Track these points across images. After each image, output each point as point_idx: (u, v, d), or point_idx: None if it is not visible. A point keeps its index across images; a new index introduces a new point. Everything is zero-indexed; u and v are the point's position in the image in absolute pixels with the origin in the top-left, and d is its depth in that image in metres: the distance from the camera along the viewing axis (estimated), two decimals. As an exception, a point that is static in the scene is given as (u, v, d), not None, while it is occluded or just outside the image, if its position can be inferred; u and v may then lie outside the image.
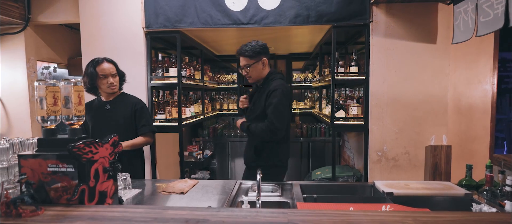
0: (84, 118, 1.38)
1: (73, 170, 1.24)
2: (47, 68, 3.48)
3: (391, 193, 1.53)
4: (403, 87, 2.48)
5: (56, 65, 3.56)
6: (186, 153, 3.58)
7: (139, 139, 2.07)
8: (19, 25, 3.05)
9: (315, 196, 1.60)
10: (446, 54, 2.45)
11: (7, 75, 3.10)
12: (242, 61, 1.95)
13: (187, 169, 3.62)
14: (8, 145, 1.46)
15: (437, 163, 2.44)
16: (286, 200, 1.56)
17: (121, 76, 2.11)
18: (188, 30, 2.69)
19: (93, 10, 2.69)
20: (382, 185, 1.63)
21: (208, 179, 3.66)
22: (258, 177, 1.29)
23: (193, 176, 3.56)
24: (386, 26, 2.45)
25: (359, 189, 1.78)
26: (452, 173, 2.17)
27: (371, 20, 2.45)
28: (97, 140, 1.31)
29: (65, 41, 3.59)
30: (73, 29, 3.68)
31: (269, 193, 1.70)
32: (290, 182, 1.86)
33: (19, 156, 1.26)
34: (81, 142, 1.21)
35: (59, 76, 3.65)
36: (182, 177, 2.87)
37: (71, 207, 1.15)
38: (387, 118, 2.50)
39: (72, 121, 1.33)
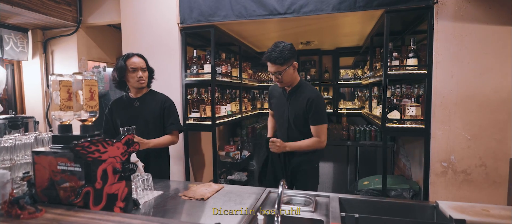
0: (96, 114, 1.29)
1: (80, 170, 1.15)
2: (97, 67, 3.68)
3: (463, 221, 1.15)
4: (479, 82, 1.98)
5: (105, 64, 3.75)
6: (222, 153, 3.47)
7: (165, 138, 2.00)
8: (72, 27, 3.26)
9: (356, 215, 1.29)
10: (542, 40, 1.88)
11: (62, 74, 3.34)
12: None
13: (224, 170, 3.51)
14: (32, 141, 1.45)
15: (528, 180, 1.89)
16: (319, 218, 1.29)
17: (150, 72, 2.06)
18: (223, 24, 2.55)
19: (132, 9, 2.71)
20: (449, 208, 1.25)
21: (245, 181, 3.50)
22: (280, 189, 1.05)
23: (229, 177, 3.43)
24: (456, 7, 1.98)
25: (416, 210, 1.41)
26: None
27: (435, 0, 2.00)
28: (107, 138, 1.21)
29: (113, 41, 3.76)
30: (121, 30, 3.85)
31: (300, 206, 1.44)
32: (328, 194, 1.57)
33: (33, 152, 1.22)
34: (85, 140, 1.11)
35: (109, 75, 3.85)
36: (215, 179, 2.75)
37: (72, 211, 1.05)
38: (455, 121, 2.03)
39: (83, 117, 1.26)
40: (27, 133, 1.66)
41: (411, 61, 2.15)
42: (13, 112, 2.81)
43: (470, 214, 1.19)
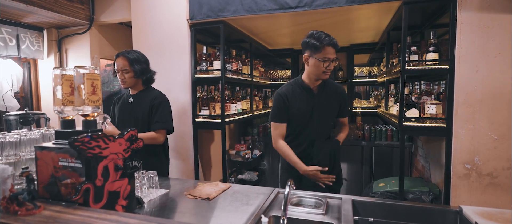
0: (99, 109, 1.26)
1: (81, 166, 1.12)
2: (110, 65, 3.71)
3: (491, 229, 1.04)
4: (507, 78, 1.82)
5: (117, 62, 3.77)
6: (233, 152, 3.42)
7: (145, 134, 1.88)
8: (84, 26, 3.30)
9: (371, 219, 1.20)
10: None
11: (75, 72, 3.39)
12: (333, 53, 1.68)
13: (234, 169, 3.46)
14: (37, 136, 1.44)
15: None
16: (329, 222, 1.20)
17: (136, 72, 1.94)
18: (233, 19, 2.50)
19: (142, 6, 2.70)
20: (475, 214, 1.14)
21: (256, 180, 3.43)
22: (287, 189, 0.97)
23: (239, 176, 3.37)
24: (481, -4, 1.83)
25: (437, 215, 1.30)
26: None
27: (459, -10, 1.86)
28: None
29: (125, 40, 3.78)
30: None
31: (310, 208, 1.36)
32: (340, 195, 1.48)
33: (35, 147, 1.20)
34: (86, 135, 1.08)
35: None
36: (225, 178, 2.70)
37: (70, 208, 1.01)
38: (481, 119, 1.88)
39: (85, 112, 1.23)
40: (36, 129, 1.66)
41: (432, 56, 2.02)
42: (26, 109, 2.86)
43: (499, 221, 1.07)
